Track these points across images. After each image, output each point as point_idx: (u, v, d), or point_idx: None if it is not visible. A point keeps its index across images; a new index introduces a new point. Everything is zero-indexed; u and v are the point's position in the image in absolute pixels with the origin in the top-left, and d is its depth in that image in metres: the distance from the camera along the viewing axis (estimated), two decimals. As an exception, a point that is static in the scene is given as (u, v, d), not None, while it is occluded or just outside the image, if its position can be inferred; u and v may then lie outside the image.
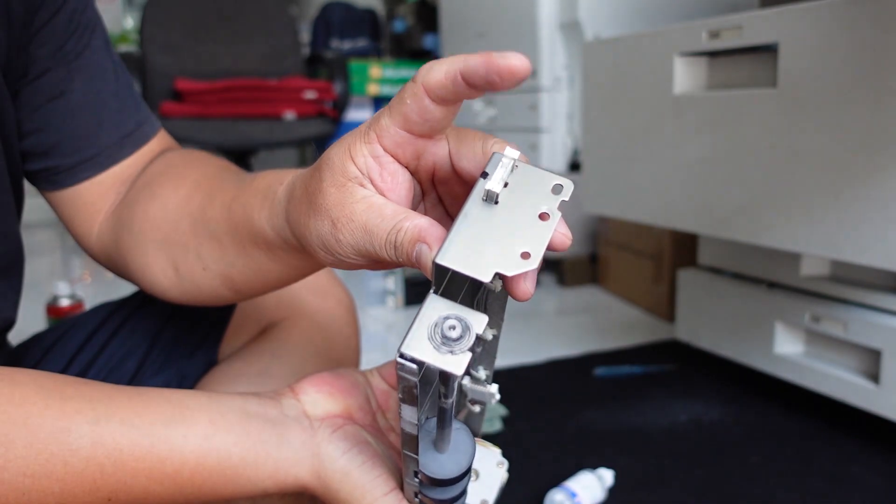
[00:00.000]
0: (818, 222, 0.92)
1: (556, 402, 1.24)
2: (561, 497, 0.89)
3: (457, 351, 0.31)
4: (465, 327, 0.32)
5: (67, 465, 0.39)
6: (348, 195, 0.38)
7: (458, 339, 0.32)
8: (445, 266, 0.32)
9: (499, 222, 0.33)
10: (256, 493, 0.43)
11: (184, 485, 0.42)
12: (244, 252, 0.49)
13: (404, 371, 0.32)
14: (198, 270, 0.53)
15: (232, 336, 0.70)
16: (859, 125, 0.85)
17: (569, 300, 1.94)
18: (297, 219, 0.41)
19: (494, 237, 0.32)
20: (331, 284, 0.77)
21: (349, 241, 0.38)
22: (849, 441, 1.07)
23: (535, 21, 1.99)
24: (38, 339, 0.71)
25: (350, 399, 0.47)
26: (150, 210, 0.56)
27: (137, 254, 0.56)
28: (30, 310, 1.69)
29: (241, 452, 0.42)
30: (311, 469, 0.43)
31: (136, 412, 0.41)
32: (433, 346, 0.32)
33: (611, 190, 1.31)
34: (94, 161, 0.60)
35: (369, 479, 0.42)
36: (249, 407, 0.44)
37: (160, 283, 0.55)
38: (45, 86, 0.57)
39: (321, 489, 0.43)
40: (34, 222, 3.64)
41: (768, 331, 1.18)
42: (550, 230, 0.33)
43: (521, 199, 0.34)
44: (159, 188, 0.57)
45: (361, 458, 0.43)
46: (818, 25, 0.89)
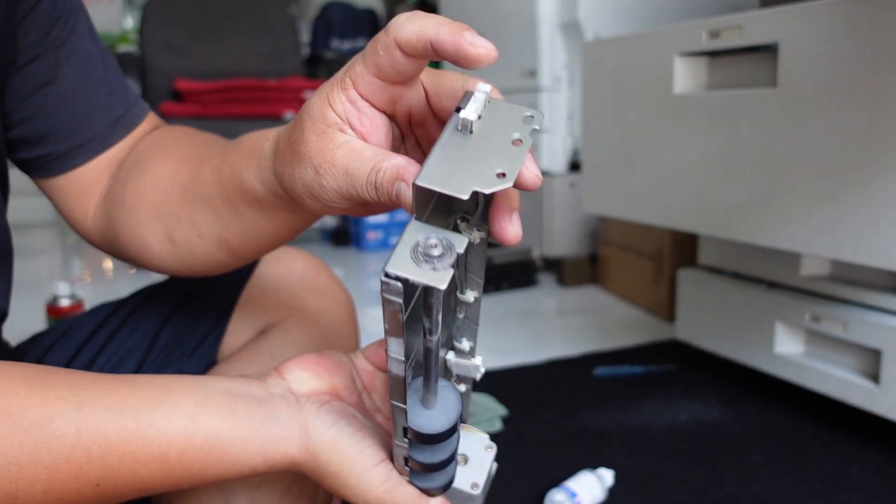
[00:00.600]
0: (818, 222, 0.92)
1: (556, 402, 1.24)
2: (561, 497, 0.89)
3: (439, 267, 0.32)
4: (446, 246, 0.33)
5: (53, 451, 0.39)
6: (329, 141, 0.39)
7: (441, 256, 0.33)
8: (423, 186, 0.33)
9: (474, 148, 0.34)
10: (246, 473, 0.43)
11: (172, 467, 0.41)
12: (236, 212, 0.50)
13: (389, 292, 0.33)
14: (193, 238, 0.54)
15: (231, 336, 0.70)
16: (859, 125, 0.85)
17: (569, 300, 1.94)
18: (283, 170, 0.43)
19: (470, 161, 0.34)
20: (331, 285, 0.77)
21: (332, 186, 0.40)
22: (849, 441, 1.06)
23: (535, 21, 1.99)
24: (38, 339, 0.71)
25: (336, 378, 0.47)
26: (142, 185, 0.57)
27: (132, 230, 0.57)
28: (30, 310, 1.69)
29: (228, 431, 0.42)
30: (300, 443, 0.43)
31: (120, 397, 0.41)
32: (415, 263, 0.32)
33: (611, 190, 1.31)
34: (88, 146, 0.61)
35: (358, 451, 0.42)
36: (235, 387, 0.44)
37: (157, 255, 0.56)
38: (35, 73, 0.57)
39: (310, 463, 0.43)
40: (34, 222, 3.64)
41: (768, 331, 1.18)
42: (524, 153, 0.34)
43: (494, 128, 0.35)
44: (148, 163, 0.58)
45: (350, 429, 0.43)
46: (818, 25, 0.89)
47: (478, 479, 0.46)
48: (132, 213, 0.57)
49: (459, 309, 0.46)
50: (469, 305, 0.45)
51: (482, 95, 0.36)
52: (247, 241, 0.52)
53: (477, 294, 0.44)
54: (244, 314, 0.71)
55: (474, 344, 0.47)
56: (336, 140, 0.39)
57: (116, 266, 2.58)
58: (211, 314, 0.70)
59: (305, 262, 0.77)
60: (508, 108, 0.37)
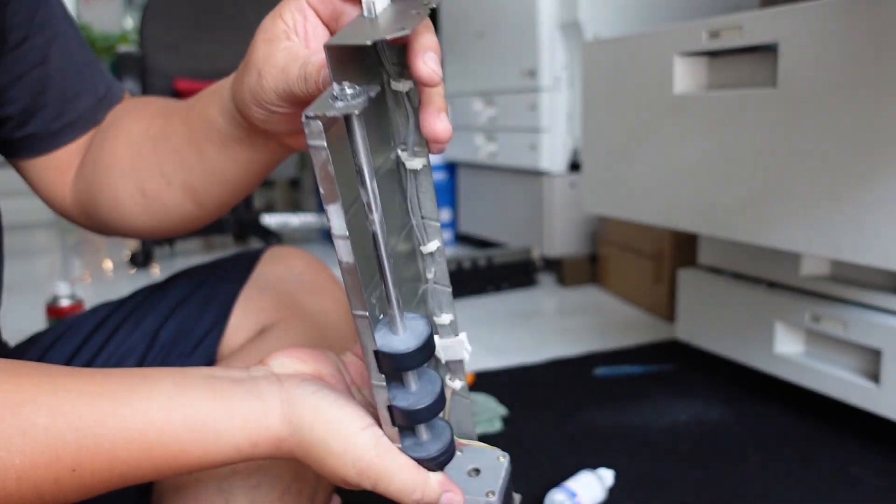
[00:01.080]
0: (818, 222, 0.91)
1: (556, 402, 1.24)
2: (561, 497, 0.89)
3: (353, 103, 0.35)
4: (360, 90, 0.36)
5: (26, 435, 0.38)
6: (273, 47, 0.44)
7: (354, 95, 0.35)
8: (331, 44, 0.36)
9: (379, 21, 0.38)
10: (230, 452, 0.42)
11: (151, 447, 0.40)
12: (200, 154, 0.54)
13: (312, 136, 0.35)
14: (162, 187, 0.57)
15: (231, 335, 0.70)
16: (859, 125, 0.85)
17: (569, 300, 1.94)
18: (235, 87, 0.48)
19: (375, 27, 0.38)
20: (330, 284, 0.77)
21: (271, 86, 0.44)
22: (849, 441, 1.06)
23: (535, 21, 1.99)
24: (37, 338, 0.71)
25: (320, 365, 0.46)
26: (116, 145, 0.60)
27: (107, 190, 0.60)
28: (30, 310, 1.69)
29: (208, 408, 0.41)
30: (282, 415, 0.42)
31: (96, 383, 0.41)
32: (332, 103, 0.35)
33: (611, 190, 1.31)
34: (76, 125, 0.62)
35: (344, 415, 0.41)
36: (215, 371, 0.44)
37: (131, 212, 0.59)
38: (27, 54, 0.58)
39: (295, 437, 0.41)
40: (34, 222, 3.64)
41: (768, 330, 1.18)
42: (423, 17, 0.38)
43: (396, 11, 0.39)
44: (122, 123, 0.61)
45: (333, 396, 0.42)
46: (818, 25, 0.89)
47: (493, 486, 0.45)
48: (107, 173, 0.60)
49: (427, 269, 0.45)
50: (434, 259, 0.45)
51: None
52: (211, 186, 0.55)
53: (439, 242, 0.45)
54: (243, 314, 0.71)
55: (454, 316, 0.46)
56: (279, 45, 0.44)
57: (116, 266, 2.58)
58: (210, 314, 0.70)
59: (304, 262, 0.77)
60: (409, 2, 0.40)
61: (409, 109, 0.42)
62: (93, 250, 3.01)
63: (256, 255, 0.76)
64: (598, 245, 2.05)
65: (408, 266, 0.45)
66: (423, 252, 0.45)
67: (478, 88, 2.33)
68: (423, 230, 0.44)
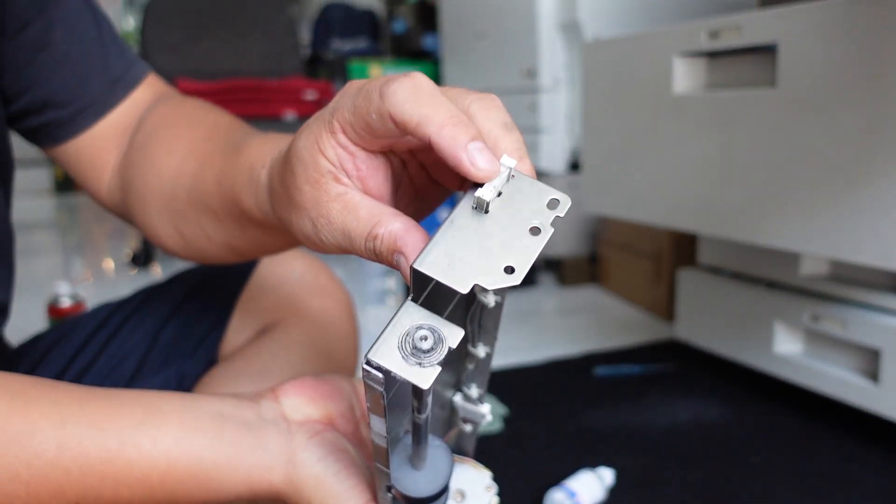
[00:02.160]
0: (818, 222, 0.92)
1: (556, 402, 1.24)
2: (561, 496, 0.89)
3: (426, 364, 0.30)
4: (437, 339, 0.30)
5: (32, 468, 0.38)
6: (323, 192, 0.36)
7: (429, 351, 0.30)
8: (423, 273, 0.30)
9: (486, 233, 0.31)
10: (230, 499, 0.42)
11: (153, 489, 0.41)
12: (241, 227, 0.49)
13: (370, 379, 0.31)
14: (203, 239, 0.54)
15: (232, 335, 0.70)
16: (859, 125, 0.85)
17: (569, 300, 1.95)
18: (281, 212, 0.41)
19: (480, 247, 0.31)
20: (330, 284, 0.77)
21: (331, 242, 0.37)
22: (849, 441, 1.07)
23: (535, 21, 1.99)
24: (39, 339, 0.71)
25: (332, 405, 0.46)
26: (148, 178, 0.57)
27: (144, 217, 0.58)
28: (30, 310, 1.69)
29: (213, 456, 0.41)
30: (285, 474, 0.42)
31: (104, 415, 0.40)
32: (402, 355, 0.30)
33: (611, 190, 1.31)
34: (89, 110, 0.60)
35: (343, 489, 0.41)
36: (225, 410, 0.43)
37: (169, 245, 0.57)
38: (28, 40, 0.57)
39: (293, 496, 0.42)
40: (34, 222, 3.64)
41: (768, 330, 1.18)
42: (540, 246, 0.31)
43: (513, 211, 0.32)
44: (154, 151, 0.58)
45: (337, 466, 0.42)
46: (818, 25, 0.89)
47: None
48: (142, 203, 0.58)
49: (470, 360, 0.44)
50: (479, 360, 0.43)
51: (505, 171, 0.32)
52: (254, 250, 0.53)
53: (489, 350, 0.42)
54: (244, 314, 0.71)
55: (483, 391, 0.45)
56: (330, 192, 0.36)
57: (117, 266, 2.58)
58: (211, 314, 0.71)
59: (305, 263, 0.77)
60: (534, 187, 0.32)
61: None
62: (94, 250, 3.01)
63: (257, 255, 0.76)
64: (598, 245, 2.05)
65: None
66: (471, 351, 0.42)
67: (478, 88, 2.32)
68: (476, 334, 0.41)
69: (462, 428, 0.48)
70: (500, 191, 0.32)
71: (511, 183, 0.32)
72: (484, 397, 0.46)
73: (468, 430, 0.47)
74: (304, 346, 0.68)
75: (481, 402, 0.46)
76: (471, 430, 0.48)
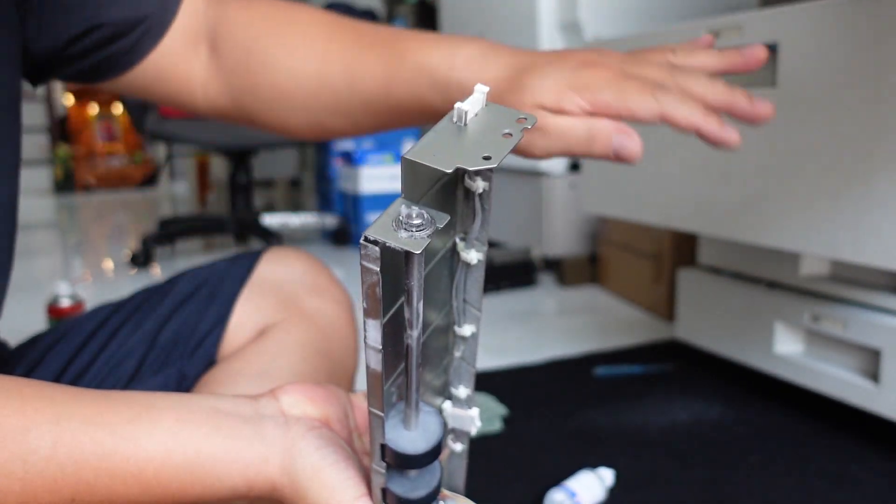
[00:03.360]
0: (818, 222, 0.92)
1: (556, 402, 1.24)
2: (561, 497, 0.89)
3: (417, 236, 0.33)
4: (427, 218, 0.34)
5: (27, 464, 0.38)
6: None
7: (420, 225, 0.33)
8: (410, 158, 0.34)
9: (465, 136, 0.37)
10: (227, 493, 0.42)
11: (149, 484, 0.40)
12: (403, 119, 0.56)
13: (367, 258, 0.33)
14: (348, 127, 0.60)
15: (231, 336, 0.70)
16: (859, 125, 0.85)
17: (569, 300, 1.95)
18: None
19: (460, 144, 0.36)
20: (330, 285, 0.77)
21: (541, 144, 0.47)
22: (849, 441, 1.07)
23: (535, 21, 1.99)
24: (38, 340, 0.71)
25: (329, 408, 0.46)
26: (277, 80, 0.60)
27: (275, 119, 0.62)
28: (30, 310, 1.69)
29: (209, 449, 0.41)
30: (281, 465, 0.42)
31: (99, 411, 0.41)
32: (395, 229, 0.33)
33: (611, 190, 1.31)
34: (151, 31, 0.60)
35: (340, 480, 0.41)
36: (222, 405, 0.44)
37: (302, 132, 0.62)
38: None
39: (289, 488, 0.42)
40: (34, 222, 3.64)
41: (768, 330, 1.18)
42: (513, 144, 0.36)
43: (487, 124, 0.37)
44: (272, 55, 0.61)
45: (334, 457, 0.42)
46: (818, 25, 0.89)
47: None
48: (272, 104, 0.61)
49: (456, 346, 0.45)
50: (466, 341, 0.44)
51: (480, 95, 0.38)
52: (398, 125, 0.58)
53: (474, 328, 0.43)
54: (244, 314, 0.71)
55: (471, 391, 0.46)
56: None
57: (117, 266, 2.58)
58: (211, 314, 0.70)
59: (305, 263, 0.77)
60: (504, 110, 0.39)
61: (479, 208, 0.41)
62: (93, 250, 3.01)
63: (257, 255, 0.76)
64: (598, 245, 2.05)
65: (439, 337, 0.44)
66: (457, 333, 0.44)
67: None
68: (461, 313, 0.44)
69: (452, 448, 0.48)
70: (476, 112, 0.38)
71: (487, 108, 0.39)
72: (472, 400, 0.46)
73: (458, 449, 0.48)
74: (304, 346, 0.68)
75: (470, 406, 0.46)
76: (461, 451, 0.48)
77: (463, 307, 0.43)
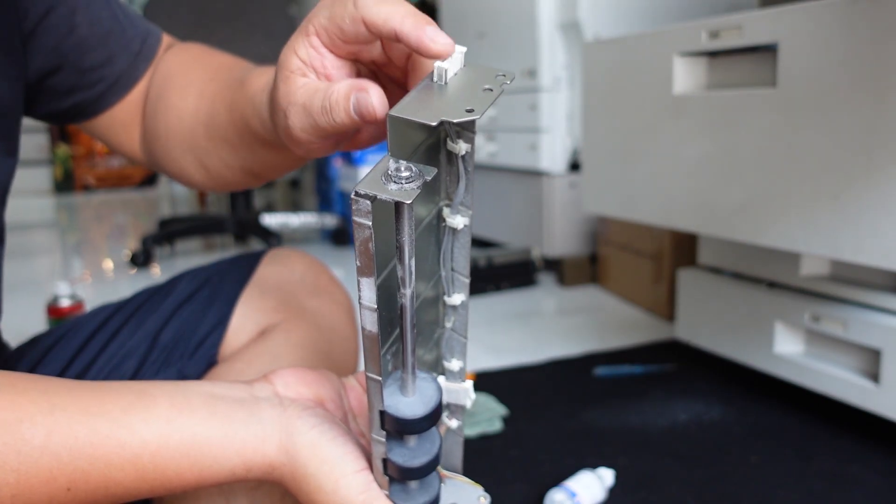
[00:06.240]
0: (818, 222, 0.92)
1: (556, 402, 1.24)
2: (561, 497, 0.89)
3: (406, 187, 0.34)
4: (415, 171, 0.35)
5: (21, 454, 0.38)
6: (292, 85, 0.43)
7: (409, 178, 0.34)
8: (396, 115, 0.35)
9: (447, 92, 0.38)
10: (224, 476, 0.42)
11: (145, 470, 0.40)
12: (252, 150, 0.56)
13: (359, 213, 0.34)
14: (223, 168, 0.60)
15: (232, 337, 0.70)
16: (859, 125, 0.85)
17: (569, 300, 1.95)
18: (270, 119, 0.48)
19: (443, 99, 0.37)
20: (331, 286, 0.77)
21: (298, 125, 0.43)
22: (849, 441, 1.07)
23: (535, 21, 1.99)
24: (38, 340, 0.71)
25: (322, 389, 0.46)
26: (169, 121, 0.62)
27: (171, 161, 0.64)
28: (30, 310, 1.69)
29: (205, 431, 0.41)
30: (279, 444, 0.41)
31: (93, 401, 0.41)
32: (384, 182, 0.34)
33: (611, 190, 1.31)
34: (117, 86, 0.64)
35: (340, 454, 0.41)
36: (216, 390, 0.44)
37: (197, 180, 0.64)
38: (53, 26, 0.59)
39: (288, 467, 0.41)
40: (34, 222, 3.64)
41: (768, 330, 1.18)
42: (494, 97, 0.37)
43: (468, 82, 0.38)
44: (169, 98, 0.63)
45: (332, 433, 0.42)
46: (818, 25, 0.89)
47: None
48: (168, 147, 0.63)
49: (447, 317, 0.45)
50: (456, 311, 0.45)
51: (460, 55, 0.39)
52: (267, 170, 0.59)
53: (464, 297, 0.44)
54: (245, 315, 0.71)
55: (464, 364, 0.46)
56: (297, 83, 0.43)
57: (117, 266, 2.58)
58: (211, 315, 0.70)
59: (306, 264, 0.77)
60: (483, 69, 0.40)
61: (462, 171, 0.41)
62: (93, 250, 3.01)
63: (257, 256, 0.76)
64: (598, 245, 2.05)
65: (429, 310, 0.44)
66: (447, 303, 0.45)
67: (478, 88, 2.33)
68: (450, 282, 0.44)
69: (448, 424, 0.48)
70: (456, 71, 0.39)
71: (466, 68, 0.40)
72: (464, 372, 0.46)
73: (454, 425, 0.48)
74: (305, 347, 0.68)
75: (463, 380, 0.46)
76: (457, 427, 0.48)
77: (451, 276, 0.44)
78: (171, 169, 0.65)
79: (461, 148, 0.40)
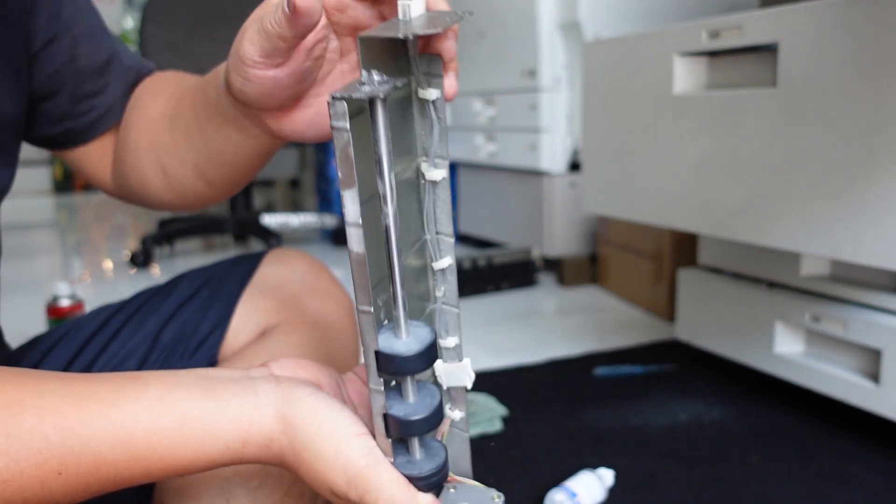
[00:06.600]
0: (818, 222, 0.92)
1: (556, 402, 1.24)
2: (561, 497, 0.89)
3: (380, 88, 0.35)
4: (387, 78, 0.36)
5: (10, 437, 0.37)
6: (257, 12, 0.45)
7: (382, 81, 0.36)
8: (365, 35, 0.37)
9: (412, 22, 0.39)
10: (220, 452, 0.41)
11: (137, 448, 0.39)
12: (203, 134, 0.55)
13: (337, 117, 0.35)
14: (177, 166, 0.60)
15: (232, 337, 0.70)
16: (859, 125, 0.85)
17: (569, 300, 1.95)
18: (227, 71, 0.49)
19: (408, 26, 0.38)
20: (331, 286, 0.77)
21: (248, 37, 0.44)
22: (849, 441, 1.07)
23: (535, 21, 1.99)
24: (38, 340, 0.71)
25: (320, 375, 0.46)
26: (138, 124, 0.62)
27: (134, 168, 0.63)
28: (30, 310, 1.69)
29: (198, 405, 0.40)
30: (276, 412, 0.40)
31: (84, 384, 0.40)
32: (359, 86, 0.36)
33: (611, 190, 1.31)
34: (107, 117, 0.65)
35: (340, 418, 0.40)
36: (210, 372, 0.44)
37: (155, 187, 0.63)
38: (55, 54, 0.60)
39: (287, 435, 0.40)
40: (34, 222, 3.64)
41: (768, 330, 1.18)
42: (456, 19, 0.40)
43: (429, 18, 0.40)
44: (142, 104, 0.64)
45: (330, 400, 0.41)
46: (818, 25, 0.89)
47: None
48: (134, 151, 0.63)
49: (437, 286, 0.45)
50: (445, 277, 0.44)
51: None
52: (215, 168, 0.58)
53: (451, 259, 0.44)
54: (245, 316, 0.71)
55: (459, 340, 0.45)
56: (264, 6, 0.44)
57: (117, 266, 2.58)
58: (212, 315, 0.70)
59: (306, 265, 0.77)
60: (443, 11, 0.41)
61: (435, 119, 0.41)
62: (93, 250, 3.01)
63: (258, 256, 0.76)
64: (598, 245, 2.05)
65: (418, 283, 0.44)
66: (435, 268, 0.44)
67: (478, 88, 2.33)
68: (436, 246, 0.44)
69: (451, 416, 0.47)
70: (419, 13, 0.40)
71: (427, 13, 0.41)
72: (461, 348, 0.45)
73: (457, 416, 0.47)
74: (305, 347, 0.68)
75: (460, 358, 0.45)
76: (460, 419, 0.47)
77: (436, 239, 0.44)
78: (134, 180, 0.64)
79: (431, 94, 0.41)
